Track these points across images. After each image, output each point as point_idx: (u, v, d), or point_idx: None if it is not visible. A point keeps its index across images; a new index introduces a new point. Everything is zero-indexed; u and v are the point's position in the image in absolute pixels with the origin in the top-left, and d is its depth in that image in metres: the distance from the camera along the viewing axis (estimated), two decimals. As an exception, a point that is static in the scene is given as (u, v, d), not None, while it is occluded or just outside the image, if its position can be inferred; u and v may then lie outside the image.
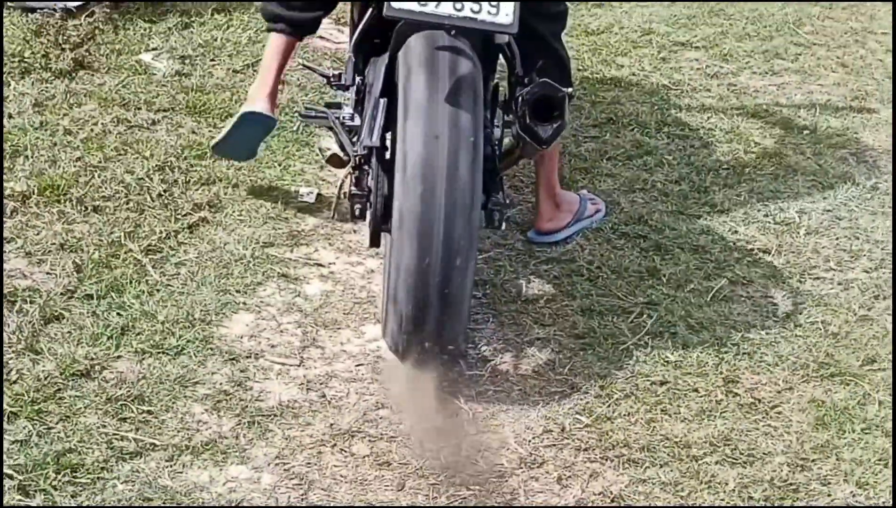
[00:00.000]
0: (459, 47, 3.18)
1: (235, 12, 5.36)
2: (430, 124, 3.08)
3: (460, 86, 3.12)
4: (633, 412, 3.34)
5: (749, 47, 5.45)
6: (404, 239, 3.09)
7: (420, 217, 3.06)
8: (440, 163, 3.07)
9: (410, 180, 3.07)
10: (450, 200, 3.06)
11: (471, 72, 3.16)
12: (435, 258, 3.06)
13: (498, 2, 3.13)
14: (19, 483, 2.93)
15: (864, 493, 3.09)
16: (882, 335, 3.64)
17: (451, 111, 3.09)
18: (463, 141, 3.07)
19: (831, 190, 4.37)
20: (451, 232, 3.06)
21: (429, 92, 3.11)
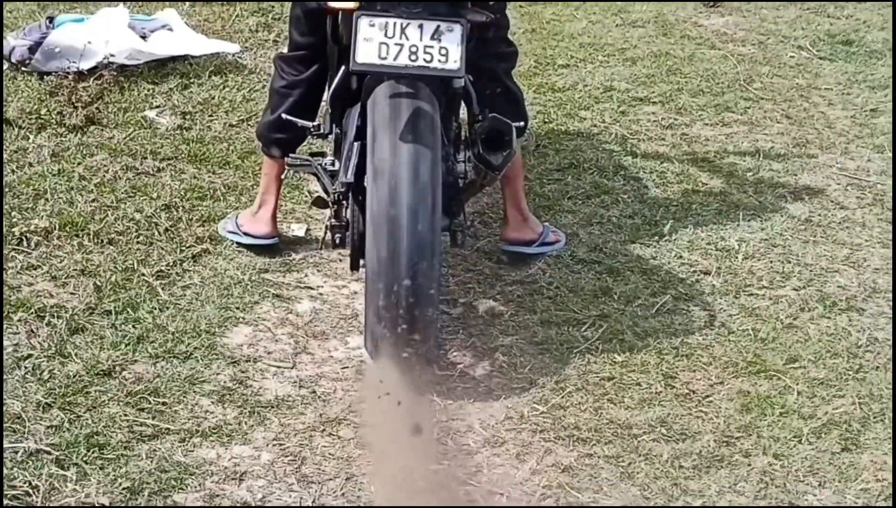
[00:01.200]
0: (418, 93, 3.86)
1: (230, 74, 6.03)
2: (391, 173, 3.75)
3: (419, 125, 3.80)
4: (583, 401, 3.96)
5: (702, 102, 6.11)
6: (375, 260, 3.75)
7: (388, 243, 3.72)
8: (402, 206, 3.73)
9: (378, 209, 3.74)
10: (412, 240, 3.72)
11: (428, 113, 3.83)
12: (402, 272, 3.72)
13: (447, 51, 3.82)
14: (56, 458, 3.54)
15: (779, 463, 3.71)
16: (804, 339, 4.27)
17: (411, 148, 3.76)
18: (422, 183, 3.74)
19: (769, 222, 5.01)
20: (415, 250, 3.72)
21: (391, 134, 3.79)
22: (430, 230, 3.74)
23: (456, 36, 3.83)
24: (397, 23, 3.83)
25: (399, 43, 3.82)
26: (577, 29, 7.01)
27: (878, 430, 3.85)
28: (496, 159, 3.94)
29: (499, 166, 3.95)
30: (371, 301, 3.80)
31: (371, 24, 3.82)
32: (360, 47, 3.82)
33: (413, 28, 3.83)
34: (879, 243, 4.89)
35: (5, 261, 4.42)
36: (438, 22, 3.83)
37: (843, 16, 7.32)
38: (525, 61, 6.45)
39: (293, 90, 4.47)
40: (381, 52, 3.82)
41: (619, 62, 6.56)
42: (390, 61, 3.82)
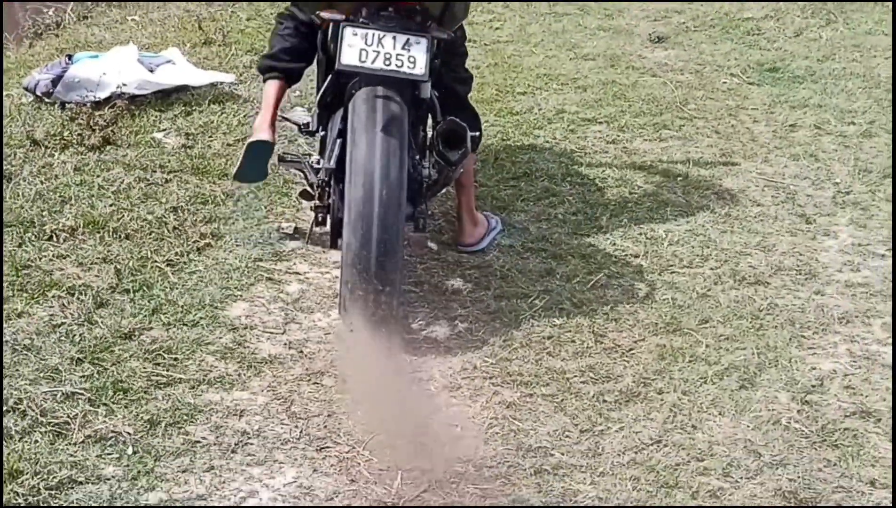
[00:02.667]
0: (391, 95, 4.59)
1: (227, 102, 6.75)
2: (366, 161, 4.47)
3: (391, 120, 4.52)
4: (527, 355, 4.65)
5: (642, 121, 6.83)
6: (351, 229, 4.46)
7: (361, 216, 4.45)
8: (374, 190, 4.45)
9: (354, 187, 4.46)
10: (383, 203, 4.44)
11: (399, 115, 4.56)
12: (373, 242, 4.43)
13: (415, 59, 4.55)
14: (88, 398, 4.22)
15: (686, 398, 4.40)
16: (715, 306, 4.97)
17: (383, 138, 4.49)
18: (392, 158, 4.46)
19: (693, 216, 5.72)
20: (383, 221, 4.44)
21: (367, 126, 4.52)
22: (398, 213, 4.45)
23: (422, 47, 4.58)
24: (376, 34, 4.59)
25: (376, 50, 4.57)
26: (535, 62, 7.74)
27: (771, 373, 4.54)
28: (453, 156, 4.72)
29: (455, 162, 4.71)
30: (346, 269, 4.51)
31: (354, 33, 4.59)
32: (344, 51, 4.57)
33: (388, 39, 4.58)
34: (788, 232, 5.59)
35: (39, 252, 5.09)
36: (409, 35, 4.60)
37: (772, 48, 8.07)
38: (488, 90, 7.19)
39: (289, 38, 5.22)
40: (361, 56, 4.57)
41: (571, 90, 7.28)
42: (368, 64, 4.58)
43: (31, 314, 4.68)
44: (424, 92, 4.79)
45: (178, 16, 8.50)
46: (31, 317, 4.66)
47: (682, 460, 4.08)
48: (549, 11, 8.93)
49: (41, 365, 4.37)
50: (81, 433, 4.06)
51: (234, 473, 3.98)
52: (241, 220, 5.54)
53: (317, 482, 3.98)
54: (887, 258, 5.35)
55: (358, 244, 4.45)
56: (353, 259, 4.47)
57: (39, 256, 5.07)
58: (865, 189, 5.98)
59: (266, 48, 5.46)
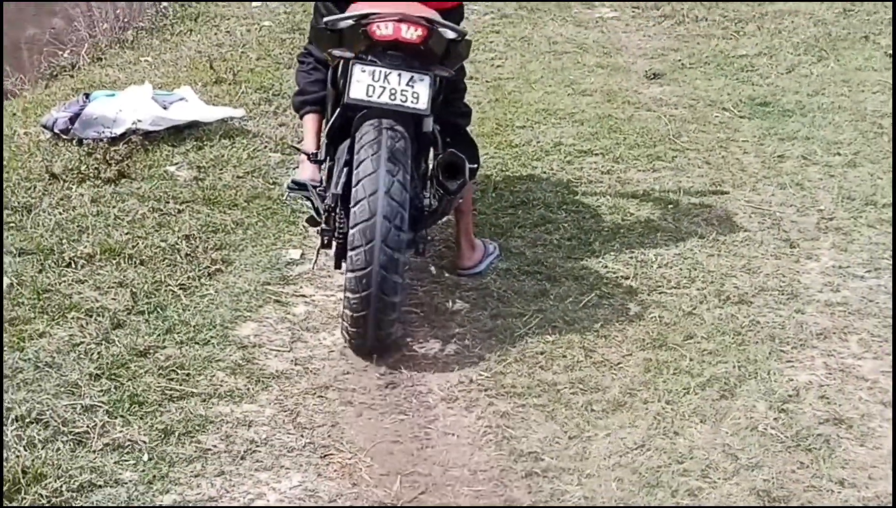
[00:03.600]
0: (395, 127, 4.89)
1: (237, 137, 7.05)
2: (372, 187, 4.76)
3: (394, 149, 4.82)
4: (520, 369, 4.92)
5: (637, 153, 7.11)
6: (354, 252, 4.76)
7: (365, 242, 4.73)
8: (377, 214, 4.74)
9: (359, 212, 4.75)
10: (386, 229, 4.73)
11: (403, 144, 4.85)
12: (375, 265, 4.72)
13: (418, 94, 4.85)
14: (106, 410, 4.50)
15: (670, 407, 4.65)
16: (700, 323, 5.22)
17: (387, 166, 4.78)
18: (395, 199, 4.75)
19: (682, 242, 5.99)
20: (386, 246, 4.73)
21: (372, 154, 4.81)
22: (399, 238, 4.74)
23: (426, 84, 4.90)
24: (382, 70, 4.91)
25: (383, 85, 4.89)
26: (534, 98, 8.04)
27: (751, 384, 4.79)
28: (452, 186, 5.03)
29: (454, 191, 5.02)
30: (348, 288, 4.80)
31: (363, 69, 4.90)
32: (353, 86, 4.89)
33: (394, 75, 4.90)
34: (773, 256, 5.85)
35: (59, 277, 5.39)
36: (413, 73, 4.92)
37: (764, 83, 8.36)
38: (488, 124, 7.49)
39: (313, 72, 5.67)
40: (368, 91, 4.89)
41: (569, 123, 7.57)
42: (375, 98, 4.89)
43: (51, 335, 4.95)
44: (426, 126, 5.09)
45: (190, 56, 8.82)
46: (52, 337, 4.94)
47: (663, 462, 4.34)
48: (549, 50, 9.24)
49: (62, 380, 4.65)
50: (100, 441, 4.33)
51: (243, 478, 4.24)
52: (250, 247, 5.82)
53: (321, 486, 4.24)
54: (867, 280, 5.61)
55: (362, 263, 4.72)
56: (356, 278, 4.74)
57: (59, 280, 5.35)
58: (848, 215, 6.25)
59: (295, 88, 5.88)
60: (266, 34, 9.44)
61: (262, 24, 9.82)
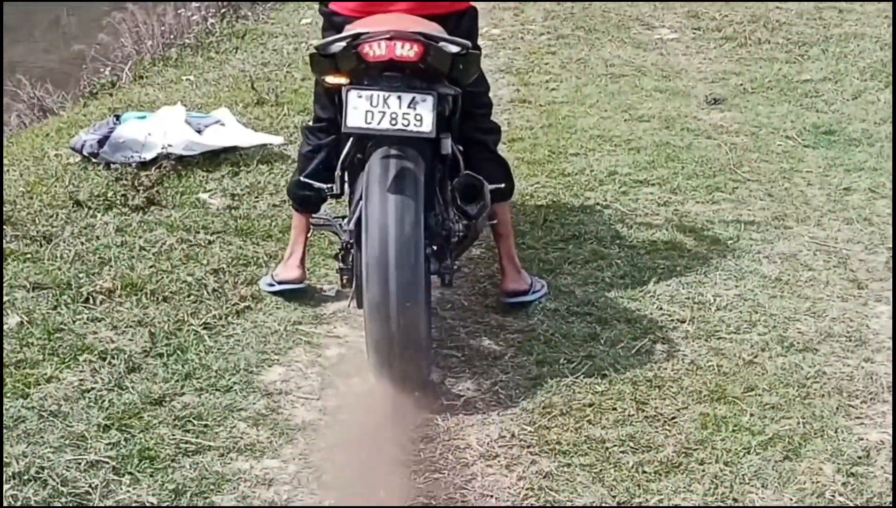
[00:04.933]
0: (403, 154, 4.46)
1: (275, 162, 6.65)
2: (382, 213, 4.33)
3: (403, 179, 4.39)
4: (566, 423, 4.47)
5: (695, 183, 6.65)
6: (370, 294, 4.33)
7: (378, 278, 4.30)
8: (390, 249, 4.31)
9: (370, 249, 4.31)
10: (399, 261, 4.30)
11: (413, 171, 4.42)
12: (391, 302, 4.29)
13: (421, 117, 4.41)
14: (112, 467, 4.09)
15: (728, 469, 4.19)
16: (761, 373, 4.76)
17: (396, 198, 4.36)
18: (405, 218, 4.31)
19: (742, 281, 5.52)
20: (401, 282, 4.30)
21: (380, 187, 4.38)
22: (415, 269, 4.30)
23: (429, 105, 4.44)
24: (380, 94, 4.46)
25: (382, 110, 4.44)
26: (589, 124, 7.59)
27: (817, 444, 4.32)
28: (472, 210, 4.61)
29: (474, 215, 4.61)
30: (367, 329, 4.37)
31: (359, 95, 4.46)
32: (349, 113, 4.45)
33: (393, 98, 4.45)
34: (840, 298, 5.37)
35: (73, 315, 4.99)
36: (414, 94, 4.46)
37: (829, 110, 7.87)
38: (540, 151, 7.06)
39: (316, 154, 5.10)
40: (367, 118, 4.44)
41: (624, 151, 7.12)
42: (374, 125, 4.44)
43: (60, 379, 4.57)
44: (444, 148, 4.67)
45: (233, 76, 8.45)
46: (61, 382, 4.55)
47: (722, 535, 3.88)
48: (606, 73, 8.79)
49: (67, 432, 4.26)
50: (103, 503, 3.92)
51: (258, 544, 3.82)
52: (282, 282, 5.40)
53: (344, 554, 3.81)
54: (943, 325, 5.12)
55: (376, 304, 4.31)
56: (373, 321, 4.32)
57: (74, 318, 4.96)
58: (921, 254, 5.76)
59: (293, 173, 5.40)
60: (313, 53, 9.01)
61: (311, 42, 9.39)
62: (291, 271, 5.30)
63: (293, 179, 5.24)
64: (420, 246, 4.36)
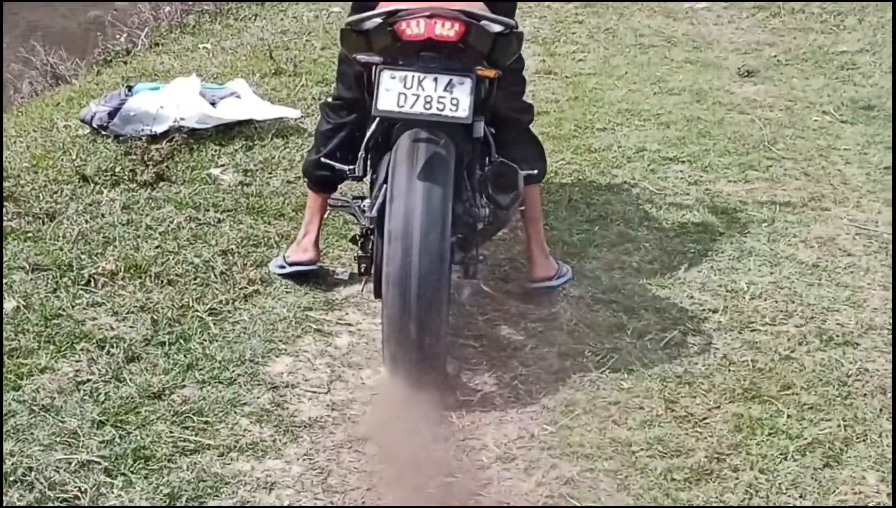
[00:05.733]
0: (434, 138, 4.09)
1: (291, 136, 6.30)
2: (409, 201, 3.98)
3: (433, 167, 4.03)
4: (590, 423, 4.13)
5: (728, 161, 6.28)
6: (390, 285, 3.99)
7: (399, 269, 3.95)
8: (414, 237, 3.97)
9: (393, 239, 3.97)
10: (423, 255, 3.94)
11: (443, 156, 4.06)
12: (412, 298, 3.94)
13: (457, 101, 4.05)
14: (105, 468, 3.77)
15: (764, 477, 3.85)
16: (799, 369, 4.41)
17: (424, 186, 4.00)
18: (433, 213, 3.97)
19: (778, 267, 5.16)
20: (424, 278, 3.94)
21: (408, 176, 4.03)
22: (439, 257, 3.96)
23: (466, 88, 4.07)
24: (415, 76, 4.09)
25: (416, 93, 4.07)
26: (617, 97, 7.22)
27: (859, 449, 3.97)
28: (504, 200, 4.22)
29: (506, 206, 4.22)
30: (386, 329, 4.04)
31: (392, 76, 4.09)
32: (381, 96, 4.08)
33: (429, 81, 4.08)
34: (881, 286, 5.01)
35: (73, 299, 4.66)
36: (451, 76, 4.09)
37: (867, 83, 7.48)
38: (566, 125, 6.68)
39: (336, 134, 4.74)
40: (399, 101, 4.08)
41: (654, 126, 6.75)
42: (407, 109, 4.08)
43: (55, 370, 4.25)
44: (477, 131, 4.31)
45: (251, 44, 8.09)
46: (56, 373, 4.23)
47: (756, 553, 3.54)
48: (635, 43, 8.42)
49: (58, 429, 3.94)
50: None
51: (256, 556, 3.50)
52: (293, 265, 5.06)
53: (349, 568, 3.48)
54: None
55: (396, 305, 3.99)
56: (392, 321, 4.00)
57: (73, 303, 4.64)
58: (967, 238, 5.38)
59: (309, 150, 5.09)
60: (334, 20, 8.67)
61: (332, 9, 9.05)
62: (304, 252, 4.97)
63: (310, 158, 4.89)
64: (446, 239, 4.02)
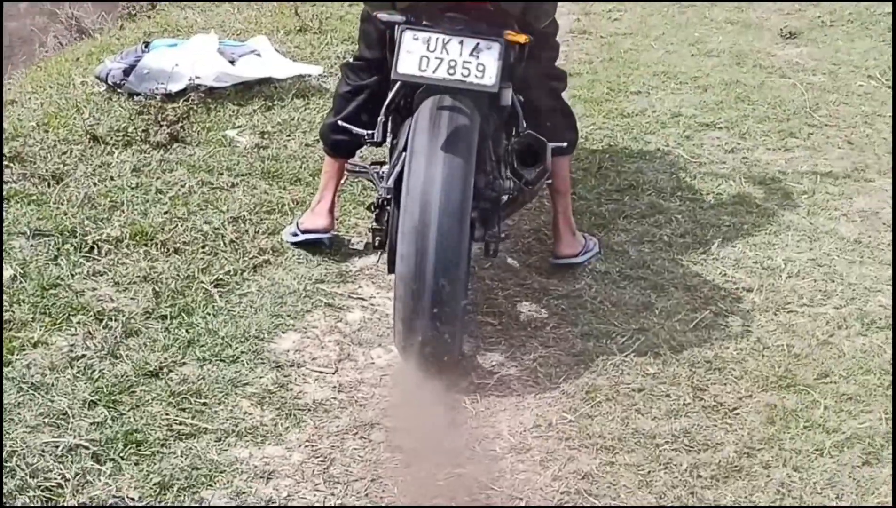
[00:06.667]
0: (458, 106, 3.75)
1: (312, 96, 5.97)
2: (428, 173, 3.65)
3: (456, 137, 3.69)
4: (612, 411, 3.81)
5: (767, 128, 5.91)
6: (403, 262, 3.67)
7: (414, 246, 3.63)
8: (432, 211, 3.64)
9: (409, 213, 3.65)
10: (441, 232, 3.62)
11: (467, 128, 3.72)
12: (427, 279, 3.62)
13: (484, 67, 3.71)
14: (93, 453, 3.47)
15: (798, 475, 3.52)
16: (838, 356, 4.06)
17: (446, 158, 3.66)
18: (453, 187, 3.64)
19: (818, 243, 4.80)
20: (441, 257, 3.62)
21: (428, 146, 3.69)
22: (458, 235, 3.64)
23: (494, 53, 3.74)
24: (439, 38, 3.76)
25: (439, 57, 3.74)
26: (653, 58, 6.86)
27: (901, 446, 3.64)
28: (529, 174, 3.89)
29: (532, 181, 3.90)
30: (398, 307, 3.73)
31: (415, 37, 3.77)
32: (401, 58, 3.76)
33: (454, 44, 3.75)
34: (927, 264, 4.65)
35: (73, 268, 4.36)
36: (478, 40, 3.76)
37: (916, 47, 7.08)
38: (599, 88, 6.34)
39: (355, 96, 4.41)
40: (421, 65, 3.75)
41: (691, 90, 6.39)
42: (429, 74, 3.75)
43: (48, 345, 3.95)
44: (505, 98, 3.96)
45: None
46: (49, 348, 3.93)
47: (788, 562, 3.22)
48: (673, 1, 8.00)
49: (47, 409, 3.64)
50: (75, 499, 3.30)
51: (248, 554, 3.20)
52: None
53: (347, 568, 3.18)
54: None
55: (411, 272, 3.66)
56: (405, 300, 3.67)
57: (73, 272, 4.34)
58: None
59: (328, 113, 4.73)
60: (366, -25, 8.27)
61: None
62: (318, 219, 4.65)
63: (327, 121, 4.56)
64: (466, 216, 3.71)
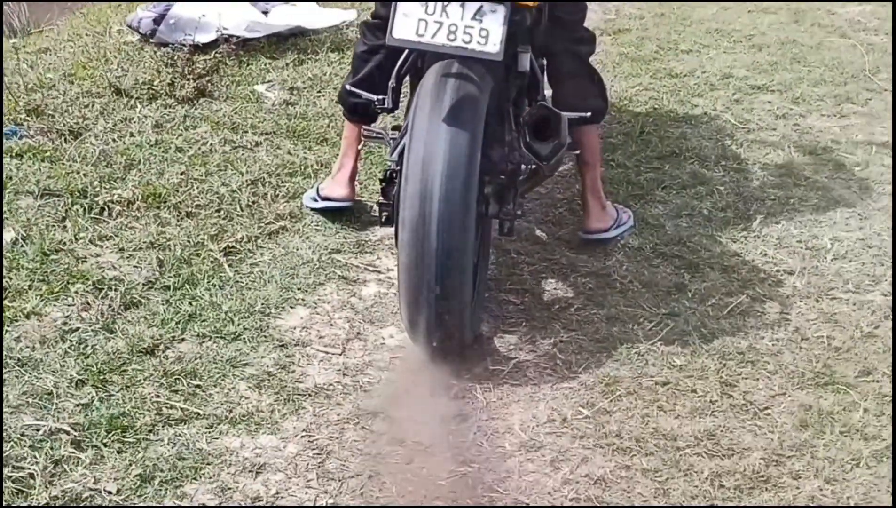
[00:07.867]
0: (466, 73, 3.37)
1: (347, 50, 5.61)
2: (429, 145, 3.29)
3: (461, 107, 3.31)
4: (632, 407, 3.45)
5: (822, 92, 5.49)
6: (404, 241, 3.31)
7: (415, 224, 3.27)
8: (434, 185, 3.28)
9: (408, 207, 3.30)
10: (443, 208, 3.26)
11: (474, 94, 3.34)
12: (429, 259, 3.28)
13: (487, 32, 3.32)
14: (74, 439, 3.17)
15: (830, 488, 3.15)
16: (882, 350, 3.68)
17: (449, 129, 3.29)
18: (457, 160, 3.27)
19: (868, 221, 4.41)
20: (444, 235, 3.26)
21: (430, 116, 3.32)
22: (463, 212, 3.28)
23: (499, 17, 3.35)
24: (438, 1, 3.37)
25: (438, 21, 3.36)
26: (707, 14, 6.44)
27: (945, 457, 3.26)
28: (543, 149, 3.50)
29: (547, 157, 3.50)
30: (401, 287, 3.39)
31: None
32: (397, 21, 3.38)
33: (455, 6, 3.37)
34: (985, 248, 4.24)
35: (78, 231, 4.06)
36: (481, 2, 3.36)
37: (985, 7, 6.59)
38: (648, 46, 5.95)
39: (371, 57, 4.07)
40: (418, 29, 3.37)
41: (744, 49, 5.98)
42: (427, 39, 3.37)
43: (42, 316, 3.66)
44: (522, 63, 3.59)
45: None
46: (43, 319, 3.64)
47: (811, 591, 2.86)
48: (734, -46, 7.54)
49: (32, 387, 3.35)
50: (47, 491, 2.99)
51: (226, 561, 2.89)
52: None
53: (332, 578, 2.87)
54: None
55: (412, 249, 3.31)
56: (406, 269, 3.33)
57: (77, 236, 4.04)
58: None
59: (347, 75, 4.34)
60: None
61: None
62: (339, 187, 4.32)
63: (345, 83, 4.20)
64: (472, 192, 3.33)
